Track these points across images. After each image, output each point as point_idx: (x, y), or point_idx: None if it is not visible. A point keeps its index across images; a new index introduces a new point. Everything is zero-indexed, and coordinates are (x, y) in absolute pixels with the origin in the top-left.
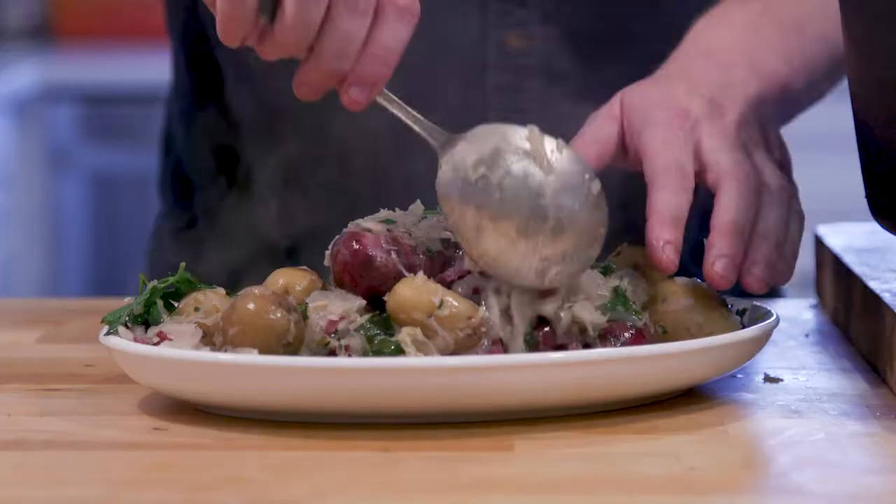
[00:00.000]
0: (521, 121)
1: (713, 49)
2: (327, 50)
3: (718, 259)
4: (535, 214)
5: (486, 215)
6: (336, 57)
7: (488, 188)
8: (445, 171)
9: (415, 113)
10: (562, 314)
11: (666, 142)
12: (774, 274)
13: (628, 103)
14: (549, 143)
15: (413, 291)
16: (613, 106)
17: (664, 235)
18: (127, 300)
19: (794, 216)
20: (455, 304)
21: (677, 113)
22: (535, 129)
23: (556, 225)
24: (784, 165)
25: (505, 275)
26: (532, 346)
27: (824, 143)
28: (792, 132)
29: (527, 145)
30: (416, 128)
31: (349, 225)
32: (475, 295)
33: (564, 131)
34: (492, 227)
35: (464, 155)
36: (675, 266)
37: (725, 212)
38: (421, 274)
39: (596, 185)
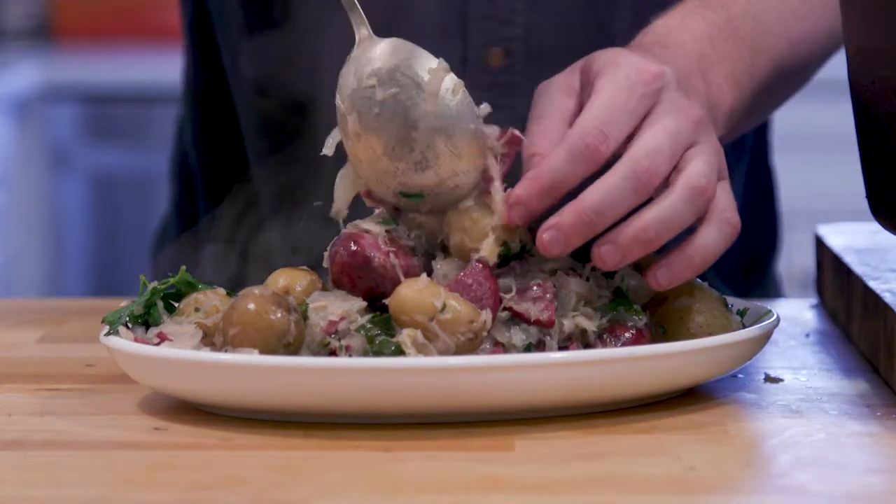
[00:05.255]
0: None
1: (671, 46)
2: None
3: (549, 229)
4: (403, 143)
5: (362, 124)
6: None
7: (371, 100)
8: (348, 69)
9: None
10: (564, 322)
11: (618, 88)
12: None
13: (593, 59)
14: (449, 83)
15: (415, 293)
16: (572, 77)
17: (521, 193)
18: (124, 303)
19: (717, 224)
20: (457, 307)
21: (651, 69)
22: (443, 65)
23: (421, 160)
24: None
25: (369, 179)
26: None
27: (824, 143)
28: (793, 132)
29: (425, 76)
30: (351, 16)
31: (347, 226)
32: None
33: None
34: (364, 136)
35: (369, 60)
36: (515, 220)
37: (591, 190)
38: (424, 276)
39: (478, 138)
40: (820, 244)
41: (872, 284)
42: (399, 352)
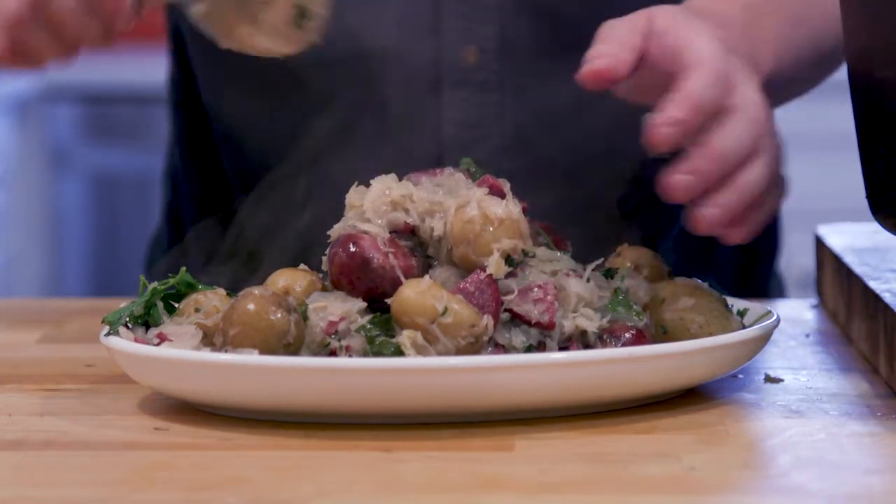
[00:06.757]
0: (478, 136)
1: (718, 15)
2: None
3: (666, 125)
4: None
5: None
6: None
7: None
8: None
9: None
10: (565, 322)
11: (712, 41)
12: (732, 220)
13: (655, 16)
14: None
15: (417, 295)
16: (638, 20)
17: (676, 113)
18: (124, 303)
19: (775, 186)
20: (459, 310)
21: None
22: None
23: None
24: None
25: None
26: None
27: (824, 143)
28: (792, 132)
29: None
30: None
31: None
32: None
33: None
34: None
35: None
36: (667, 145)
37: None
38: (427, 278)
39: None
40: (820, 244)
41: (872, 284)
42: (399, 352)
